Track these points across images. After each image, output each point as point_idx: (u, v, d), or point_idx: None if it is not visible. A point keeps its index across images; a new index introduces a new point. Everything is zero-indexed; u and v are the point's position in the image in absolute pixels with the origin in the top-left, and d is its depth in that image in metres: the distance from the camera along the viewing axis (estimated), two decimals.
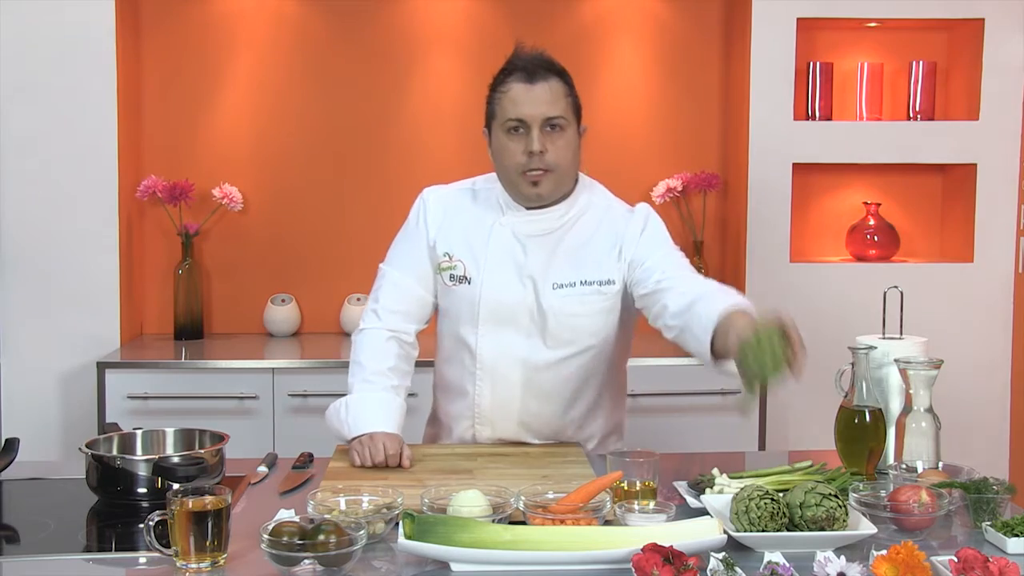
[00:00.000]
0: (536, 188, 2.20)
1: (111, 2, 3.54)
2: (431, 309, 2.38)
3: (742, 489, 1.75)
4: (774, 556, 1.57)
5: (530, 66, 2.19)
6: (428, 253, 2.32)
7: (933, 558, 1.57)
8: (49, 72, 3.54)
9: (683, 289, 2.13)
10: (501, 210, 2.29)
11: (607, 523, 1.75)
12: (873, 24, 3.84)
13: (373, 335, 2.33)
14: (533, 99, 2.16)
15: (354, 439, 2.19)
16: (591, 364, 2.29)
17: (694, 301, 2.06)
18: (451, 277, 2.29)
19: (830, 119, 3.82)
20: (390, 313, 2.34)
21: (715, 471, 1.99)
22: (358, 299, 3.87)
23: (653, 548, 1.51)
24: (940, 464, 2.00)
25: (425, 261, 2.33)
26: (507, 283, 2.25)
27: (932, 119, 3.82)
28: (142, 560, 1.70)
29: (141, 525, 1.66)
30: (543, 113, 2.16)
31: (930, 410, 2.05)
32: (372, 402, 2.23)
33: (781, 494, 1.74)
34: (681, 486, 1.99)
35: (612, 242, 2.26)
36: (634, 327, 2.40)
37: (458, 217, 2.32)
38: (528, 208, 2.26)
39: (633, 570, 1.50)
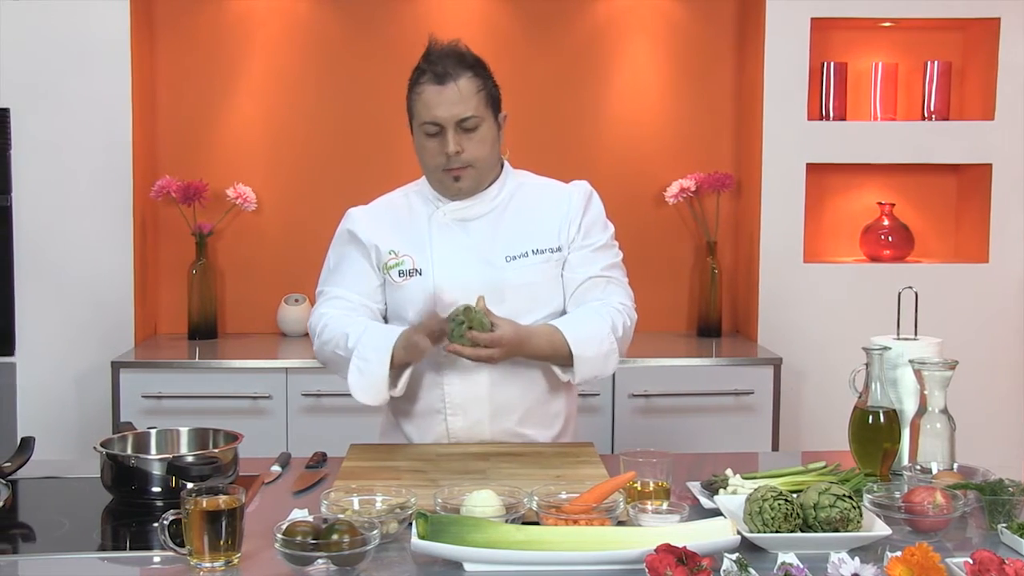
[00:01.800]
0: (458, 184, 2.27)
1: (126, 4, 3.56)
2: (381, 320, 2.36)
3: (756, 490, 1.74)
4: (788, 557, 1.56)
5: (439, 66, 2.22)
6: (369, 262, 2.34)
7: (948, 560, 1.56)
8: (64, 73, 3.55)
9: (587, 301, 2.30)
10: (434, 204, 2.33)
11: (620, 523, 1.74)
12: (888, 24, 3.83)
13: (325, 322, 2.29)
14: (444, 101, 2.20)
15: (398, 365, 2.17)
16: None
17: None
18: (400, 273, 2.30)
19: (844, 119, 3.81)
20: (340, 310, 2.32)
21: (728, 471, 1.98)
22: None
23: (666, 548, 1.51)
24: (955, 465, 1.99)
25: (366, 271, 2.34)
26: (459, 265, 2.27)
27: (947, 119, 3.81)
28: (156, 559, 1.71)
29: (155, 524, 1.66)
30: (455, 115, 2.21)
31: (945, 411, 2.04)
32: (376, 329, 2.23)
33: (795, 495, 1.74)
34: (694, 486, 1.99)
35: (555, 211, 2.32)
36: None
37: (391, 219, 2.36)
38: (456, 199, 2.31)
39: (646, 570, 1.50)
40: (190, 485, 1.76)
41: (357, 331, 2.24)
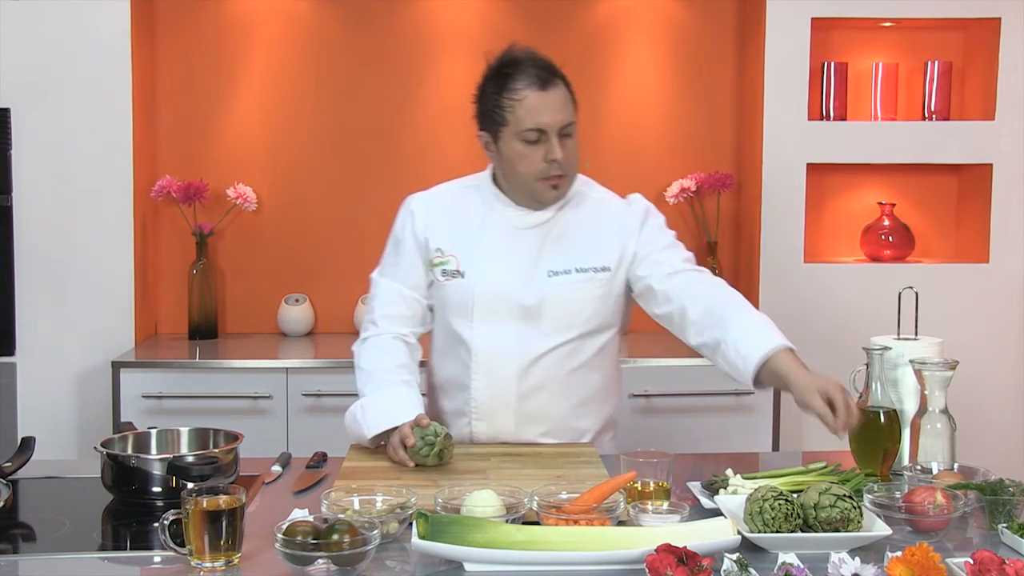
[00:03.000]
0: (556, 191, 2.24)
1: (126, 4, 3.55)
2: (428, 314, 2.40)
3: (756, 490, 1.74)
4: (788, 557, 1.56)
5: (540, 72, 2.19)
6: (420, 255, 2.34)
7: (948, 560, 1.56)
8: (65, 74, 3.55)
9: (699, 296, 2.21)
10: (489, 206, 2.32)
11: (621, 523, 1.74)
12: (888, 24, 3.83)
13: (375, 341, 2.35)
14: (549, 107, 2.18)
15: (375, 437, 2.19)
16: (584, 351, 2.31)
17: (721, 319, 2.15)
18: (444, 272, 2.31)
19: (844, 119, 3.81)
20: (388, 319, 2.36)
21: (729, 472, 1.98)
22: None
23: (667, 549, 1.51)
24: (955, 465, 1.99)
25: (417, 266, 2.35)
26: (500, 274, 2.27)
27: (947, 119, 3.80)
28: (157, 559, 1.71)
29: (156, 524, 1.66)
30: (560, 121, 2.19)
31: (945, 411, 2.04)
32: (388, 397, 2.23)
33: (795, 495, 1.74)
34: (695, 487, 1.99)
35: (609, 230, 2.31)
36: (630, 315, 2.42)
37: (446, 215, 2.35)
38: (518, 205, 2.29)
39: (647, 570, 1.50)
40: (190, 485, 1.76)
41: (377, 380, 2.27)
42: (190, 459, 1.96)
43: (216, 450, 2.03)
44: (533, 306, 2.25)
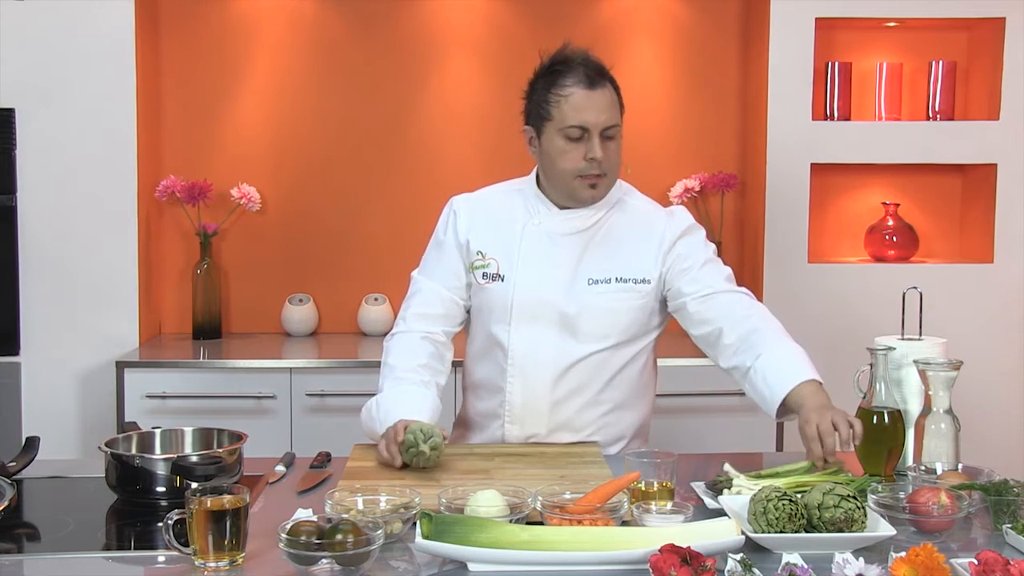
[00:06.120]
0: (594, 191, 2.25)
1: (130, 4, 3.56)
2: (463, 315, 2.41)
3: (760, 490, 1.74)
4: (792, 557, 1.56)
5: (590, 71, 2.22)
6: (460, 257, 2.35)
7: (953, 560, 1.56)
8: (69, 74, 3.56)
9: (736, 320, 2.23)
10: (532, 210, 2.32)
11: (624, 524, 1.74)
12: (892, 24, 3.82)
13: (403, 338, 2.36)
14: (594, 106, 2.20)
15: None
16: (620, 361, 2.32)
17: (755, 346, 2.17)
18: (484, 275, 2.32)
19: (848, 119, 3.80)
20: (421, 318, 2.37)
21: (727, 466, 1.99)
22: (375, 299, 3.88)
23: (671, 549, 1.51)
24: (960, 466, 1.99)
25: (457, 267, 2.36)
26: (540, 280, 2.27)
27: (952, 119, 3.80)
28: (161, 559, 1.71)
29: (160, 524, 1.66)
30: (604, 121, 2.20)
31: (949, 411, 2.04)
32: (403, 395, 2.24)
33: (799, 495, 1.74)
34: (699, 487, 1.99)
35: (650, 242, 2.31)
36: (666, 322, 2.42)
37: (489, 217, 2.35)
38: (561, 208, 2.29)
39: (650, 570, 1.50)
40: (194, 485, 1.76)
41: (395, 378, 2.28)
42: (194, 459, 1.96)
43: (220, 450, 2.03)
44: (571, 313, 2.26)
